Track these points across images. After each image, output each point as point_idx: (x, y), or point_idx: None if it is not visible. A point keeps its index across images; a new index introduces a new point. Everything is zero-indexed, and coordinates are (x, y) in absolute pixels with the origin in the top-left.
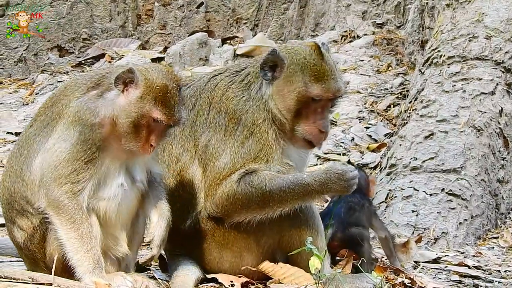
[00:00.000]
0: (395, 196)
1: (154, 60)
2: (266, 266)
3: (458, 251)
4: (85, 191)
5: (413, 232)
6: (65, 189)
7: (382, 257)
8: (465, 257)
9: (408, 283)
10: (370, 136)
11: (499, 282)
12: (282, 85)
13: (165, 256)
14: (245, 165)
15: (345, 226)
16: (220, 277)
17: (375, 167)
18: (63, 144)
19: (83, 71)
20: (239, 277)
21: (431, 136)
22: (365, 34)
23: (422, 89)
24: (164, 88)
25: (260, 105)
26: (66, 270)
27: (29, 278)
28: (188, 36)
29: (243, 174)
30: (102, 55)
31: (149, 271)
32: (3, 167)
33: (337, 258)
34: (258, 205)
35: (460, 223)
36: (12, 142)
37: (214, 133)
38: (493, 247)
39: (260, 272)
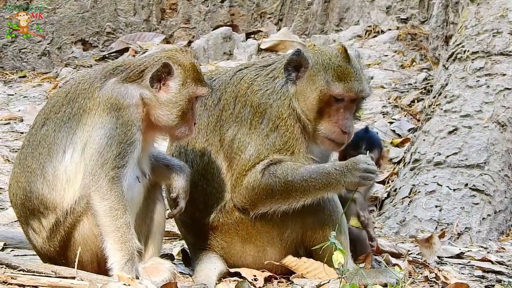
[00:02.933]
0: (419, 191)
1: None
2: (290, 261)
3: (481, 247)
4: (126, 176)
5: (436, 227)
6: (111, 174)
7: (408, 251)
8: (488, 252)
9: (432, 278)
10: (394, 131)
11: None
12: (305, 85)
13: (188, 251)
14: (270, 156)
15: None
16: (243, 271)
17: (398, 162)
18: (101, 131)
19: None
20: (262, 271)
21: (455, 131)
22: (389, 29)
23: (446, 84)
24: (194, 65)
25: (285, 101)
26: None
27: (52, 271)
28: (212, 30)
29: (267, 164)
30: (126, 49)
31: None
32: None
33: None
34: (282, 195)
35: (484, 218)
36: None
37: (240, 127)
38: None
39: (283, 267)
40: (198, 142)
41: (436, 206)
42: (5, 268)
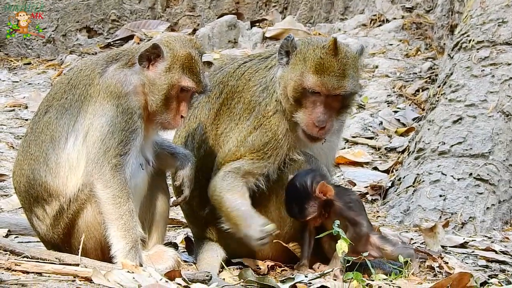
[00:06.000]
0: (423, 181)
1: None
2: (296, 247)
3: (485, 236)
4: (129, 163)
5: (440, 217)
6: (114, 162)
7: (411, 239)
8: (492, 242)
9: (436, 267)
10: (398, 120)
11: None
12: (287, 72)
13: (192, 239)
14: (245, 156)
15: None
16: (246, 260)
17: (403, 151)
18: (102, 119)
19: None
20: (264, 261)
21: (460, 121)
22: (394, 18)
23: (451, 74)
24: (189, 56)
25: (274, 95)
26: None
27: (56, 258)
28: (217, 18)
29: (231, 170)
30: (131, 37)
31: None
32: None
33: None
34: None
35: (488, 208)
36: None
37: (229, 122)
38: None
39: (285, 255)
40: (197, 134)
41: (440, 196)
42: (9, 255)
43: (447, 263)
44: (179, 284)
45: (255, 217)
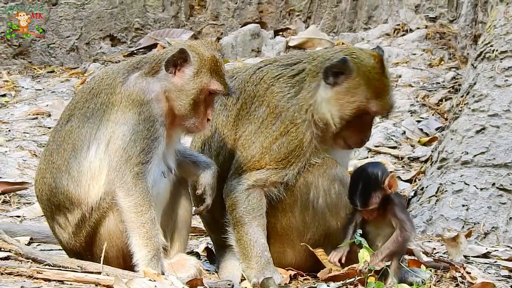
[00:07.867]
0: (446, 190)
1: None
2: (321, 253)
3: (508, 246)
4: (151, 172)
5: (463, 227)
6: (136, 170)
7: (434, 249)
8: None
9: (459, 276)
10: (421, 129)
11: None
12: (343, 94)
13: (212, 249)
14: (269, 165)
15: None
16: None
17: (426, 161)
18: (124, 127)
19: None
20: (287, 270)
21: (483, 131)
22: (418, 28)
23: (474, 84)
24: (214, 59)
25: (304, 105)
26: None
27: (78, 266)
28: (241, 27)
29: (252, 186)
30: (154, 45)
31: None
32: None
33: None
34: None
35: (511, 218)
36: None
37: (248, 125)
38: None
39: (308, 266)
40: (214, 141)
41: (463, 205)
42: (31, 263)
43: (469, 273)
44: None
45: (269, 267)
